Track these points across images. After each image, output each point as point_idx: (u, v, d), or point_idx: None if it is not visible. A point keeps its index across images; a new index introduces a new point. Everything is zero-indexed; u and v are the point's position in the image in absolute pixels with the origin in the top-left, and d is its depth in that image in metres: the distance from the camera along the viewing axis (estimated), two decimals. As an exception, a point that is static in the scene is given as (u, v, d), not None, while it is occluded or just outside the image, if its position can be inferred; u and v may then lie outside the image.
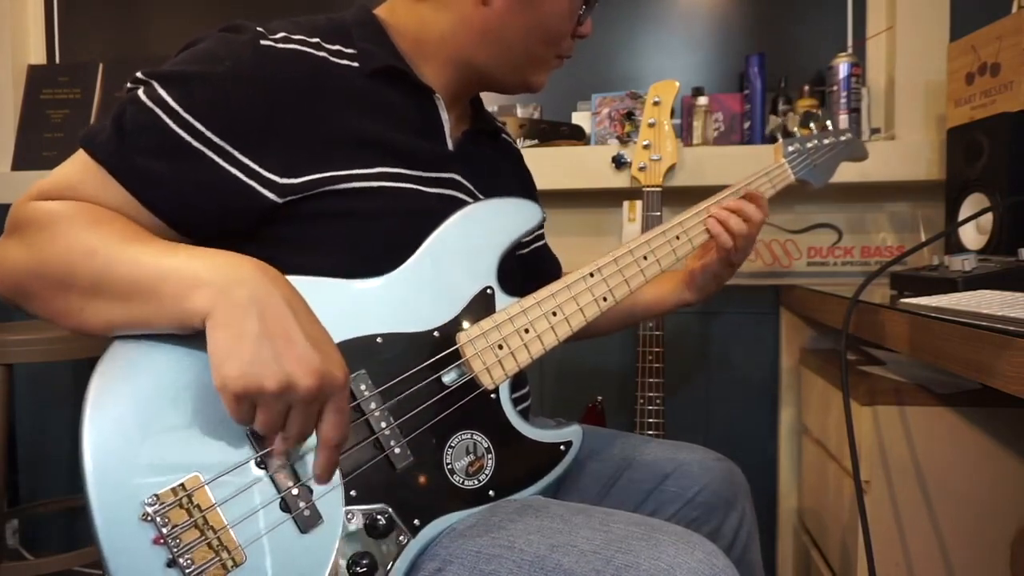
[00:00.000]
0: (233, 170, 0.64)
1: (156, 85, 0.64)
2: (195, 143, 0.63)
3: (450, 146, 0.79)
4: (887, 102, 1.57)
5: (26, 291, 0.60)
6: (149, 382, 0.58)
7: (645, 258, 0.84)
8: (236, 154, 0.64)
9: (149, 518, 0.54)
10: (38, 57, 1.90)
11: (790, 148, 1.04)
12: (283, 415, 0.55)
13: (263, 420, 0.54)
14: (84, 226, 0.59)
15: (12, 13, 1.82)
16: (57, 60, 1.90)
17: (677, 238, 0.88)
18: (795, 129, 1.48)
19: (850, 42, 1.61)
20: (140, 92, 0.64)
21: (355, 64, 0.72)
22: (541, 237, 1.04)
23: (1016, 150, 1.10)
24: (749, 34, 1.65)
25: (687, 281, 1.00)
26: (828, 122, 1.12)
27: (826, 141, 1.08)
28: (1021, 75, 1.13)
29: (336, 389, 0.56)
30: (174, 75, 0.64)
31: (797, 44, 1.63)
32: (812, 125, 1.39)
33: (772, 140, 1.52)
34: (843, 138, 1.10)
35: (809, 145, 1.06)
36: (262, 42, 0.67)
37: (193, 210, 0.65)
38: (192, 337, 0.59)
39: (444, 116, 0.78)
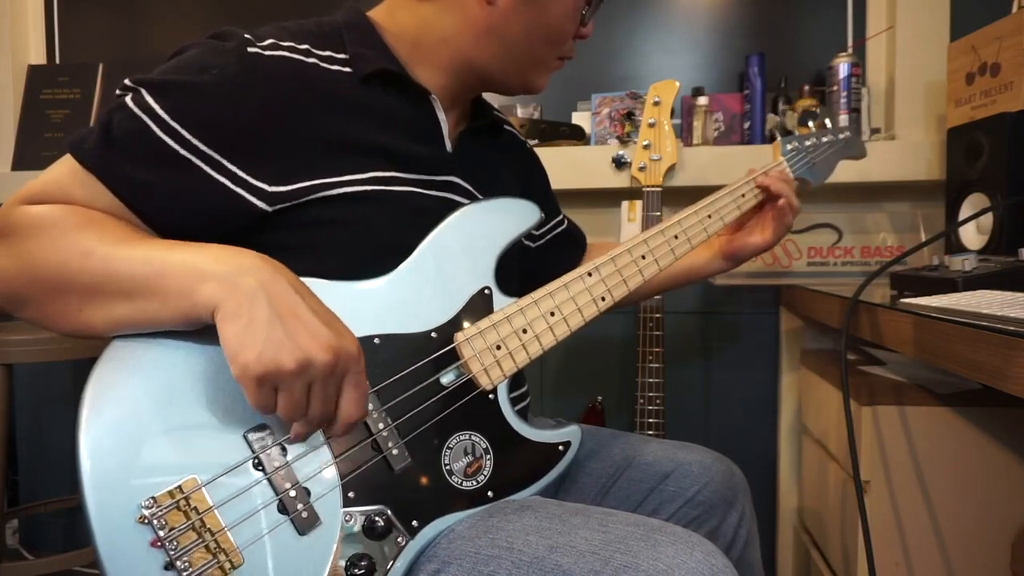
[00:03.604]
0: (221, 178, 0.64)
1: (144, 92, 0.63)
2: (182, 151, 0.63)
3: (449, 148, 0.79)
4: (887, 102, 1.57)
5: (19, 297, 0.60)
6: (145, 384, 0.57)
7: (643, 257, 0.84)
8: (224, 163, 0.64)
9: (146, 521, 0.54)
10: (38, 57, 1.90)
11: (788, 146, 1.03)
12: (305, 397, 0.56)
13: (286, 402, 0.55)
14: (77, 228, 0.59)
15: (12, 13, 1.82)
16: (57, 60, 1.90)
17: (676, 237, 0.88)
18: (793, 127, 1.48)
19: (850, 42, 1.61)
20: (128, 99, 0.63)
21: (347, 69, 0.71)
22: (558, 225, 1.05)
23: (1016, 150, 1.10)
24: (749, 34, 1.65)
25: (726, 253, 1.01)
26: (827, 120, 1.12)
27: (824, 139, 1.07)
28: (1021, 75, 1.13)
29: (352, 363, 0.57)
30: (162, 83, 0.64)
31: (797, 44, 1.63)
32: (811, 123, 1.38)
33: (772, 140, 1.52)
34: (842, 136, 1.09)
35: (807, 143, 1.05)
36: (249, 50, 0.66)
37: (182, 218, 0.64)
38: (189, 337, 0.59)
39: (442, 117, 0.78)
